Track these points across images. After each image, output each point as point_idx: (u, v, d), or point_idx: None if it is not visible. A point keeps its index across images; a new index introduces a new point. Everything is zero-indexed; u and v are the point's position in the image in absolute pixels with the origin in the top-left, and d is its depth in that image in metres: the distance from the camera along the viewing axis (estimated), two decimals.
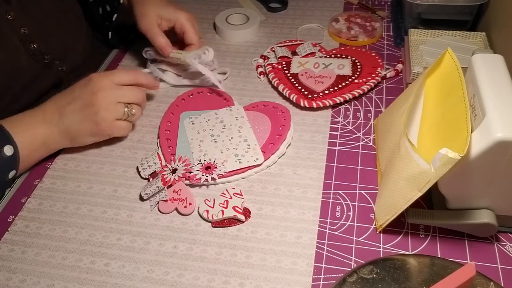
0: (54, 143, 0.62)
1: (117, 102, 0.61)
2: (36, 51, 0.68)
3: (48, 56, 0.71)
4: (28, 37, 0.67)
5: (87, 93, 0.60)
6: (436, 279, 0.45)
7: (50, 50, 0.71)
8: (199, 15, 0.94)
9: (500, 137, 0.43)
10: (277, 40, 0.85)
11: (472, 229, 0.53)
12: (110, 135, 0.63)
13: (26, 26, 0.66)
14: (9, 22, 0.65)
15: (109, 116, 0.60)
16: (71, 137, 0.62)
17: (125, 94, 0.62)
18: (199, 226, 0.57)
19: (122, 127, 0.64)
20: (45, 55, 0.70)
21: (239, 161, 0.62)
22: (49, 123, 0.60)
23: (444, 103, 0.53)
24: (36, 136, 0.59)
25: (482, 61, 0.51)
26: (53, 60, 0.72)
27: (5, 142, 0.57)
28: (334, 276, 0.51)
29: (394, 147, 0.55)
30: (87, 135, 0.62)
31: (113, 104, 0.60)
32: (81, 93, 0.60)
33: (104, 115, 0.60)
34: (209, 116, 0.69)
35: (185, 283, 0.51)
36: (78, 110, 0.60)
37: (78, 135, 0.61)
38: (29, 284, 0.52)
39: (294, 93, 0.72)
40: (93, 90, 0.60)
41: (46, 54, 0.70)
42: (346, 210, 0.57)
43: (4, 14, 0.64)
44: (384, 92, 0.74)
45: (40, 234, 0.57)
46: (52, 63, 0.72)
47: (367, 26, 0.85)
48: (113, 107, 0.61)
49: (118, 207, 0.59)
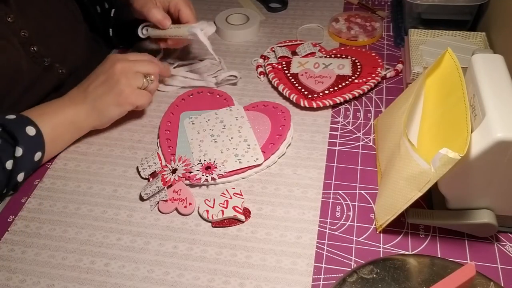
0: (83, 121, 0.64)
1: (136, 72, 0.64)
2: (36, 54, 0.68)
3: (48, 59, 0.70)
4: (28, 39, 0.67)
5: (106, 68, 0.64)
6: (436, 279, 0.45)
7: (50, 53, 0.71)
8: (199, 15, 0.94)
9: (500, 137, 0.43)
10: (277, 40, 0.85)
11: (472, 229, 0.53)
12: (133, 103, 0.65)
13: (26, 29, 0.66)
14: (8, 24, 0.64)
15: (130, 84, 0.64)
16: (98, 111, 0.64)
17: (142, 65, 0.65)
18: (199, 226, 0.57)
19: (144, 95, 0.66)
20: (45, 57, 0.70)
21: (239, 161, 0.62)
22: (75, 104, 0.63)
23: (444, 103, 0.53)
24: (64, 117, 0.62)
25: (482, 61, 0.51)
26: (53, 63, 0.72)
27: (26, 123, 0.59)
28: (334, 276, 0.51)
29: (394, 147, 0.55)
30: (112, 106, 0.64)
31: (132, 73, 0.64)
32: (101, 71, 0.65)
33: (125, 83, 0.63)
34: (209, 116, 0.69)
35: (185, 283, 0.51)
36: (100, 84, 0.63)
37: (103, 107, 0.64)
38: (29, 284, 0.52)
39: (294, 93, 0.72)
40: (111, 64, 0.64)
41: (46, 56, 0.70)
42: (346, 210, 0.57)
43: (4, 17, 0.64)
44: (384, 92, 0.74)
45: (40, 234, 0.57)
46: (52, 65, 0.72)
47: (367, 26, 0.85)
48: (133, 75, 0.64)
49: (118, 207, 0.59)
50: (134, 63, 0.65)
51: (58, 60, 0.73)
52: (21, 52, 0.66)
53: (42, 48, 0.69)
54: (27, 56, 0.67)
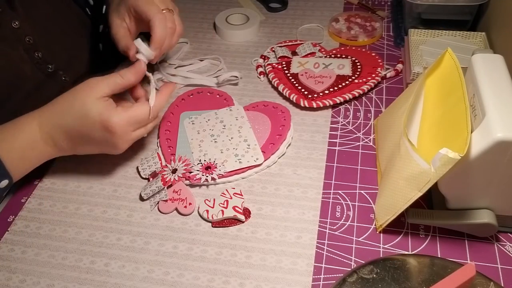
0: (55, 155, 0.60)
1: (136, 137, 0.59)
2: (41, 60, 0.67)
3: (52, 66, 0.69)
4: (33, 45, 0.66)
5: (99, 129, 0.56)
6: (436, 279, 0.44)
7: (54, 59, 0.70)
8: (199, 15, 0.94)
9: (500, 137, 0.43)
10: (277, 40, 0.85)
11: (472, 229, 0.53)
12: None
13: (31, 35, 0.65)
14: (14, 30, 0.64)
15: (128, 145, 0.59)
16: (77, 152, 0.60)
17: (143, 128, 0.59)
18: (199, 226, 0.57)
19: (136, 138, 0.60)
20: (49, 64, 0.69)
21: (239, 161, 0.62)
22: (58, 150, 0.58)
23: (444, 103, 0.53)
24: (38, 153, 0.58)
25: (482, 61, 0.51)
26: (57, 70, 0.71)
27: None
28: (334, 276, 0.51)
29: (394, 147, 0.55)
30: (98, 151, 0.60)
31: (132, 140, 0.59)
32: (93, 131, 0.56)
33: (123, 146, 0.58)
34: (209, 116, 0.69)
35: (185, 283, 0.51)
36: (94, 144, 0.58)
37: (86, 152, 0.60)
38: (29, 284, 0.52)
39: (294, 93, 0.72)
40: (106, 126, 0.55)
41: (50, 63, 0.69)
42: (346, 210, 0.57)
43: (9, 22, 0.63)
44: (384, 92, 0.74)
45: (40, 234, 0.57)
46: (56, 72, 0.71)
47: (367, 26, 0.85)
48: (132, 140, 0.59)
49: (118, 207, 0.59)
50: (134, 124, 0.57)
51: (62, 67, 0.72)
52: (25, 58, 0.65)
53: (47, 54, 0.68)
54: (31, 62, 0.66)
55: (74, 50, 0.75)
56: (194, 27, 0.91)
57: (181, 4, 0.98)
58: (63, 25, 0.73)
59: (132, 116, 0.56)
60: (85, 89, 0.56)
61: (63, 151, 0.59)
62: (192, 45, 0.86)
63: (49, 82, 0.70)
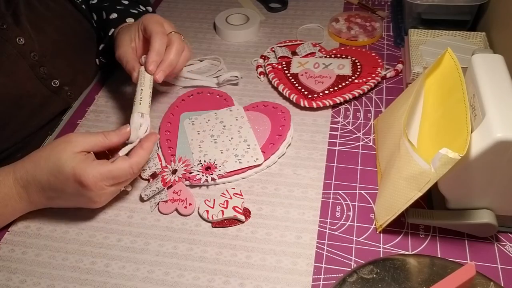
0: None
1: (114, 192, 0.57)
2: (46, 76, 0.67)
3: (57, 81, 0.69)
4: (38, 61, 0.66)
5: (74, 185, 0.53)
6: (436, 279, 0.44)
7: (59, 74, 0.69)
8: (199, 15, 0.94)
9: (500, 137, 0.43)
10: (277, 40, 0.85)
11: (472, 229, 0.53)
12: None
13: (36, 51, 0.65)
14: (19, 47, 0.64)
15: (107, 200, 0.57)
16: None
17: (120, 184, 0.56)
18: (199, 227, 0.57)
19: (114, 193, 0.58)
20: (54, 79, 0.69)
21: (239, 161, 0.62)
22: (30, 203, 0.56)
23: (444, 103, 0.53)
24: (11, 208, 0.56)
25: (482, 61, 0.51)
26: (62, 86, 0.70)
27: None
28: (334, 276, 0.51)
29: (394, 147, 0.55)
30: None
31: (110, 195, 0.57)
32: (69, 187, 0.53)
33: (102, 201, 0.56)
34: (209, 116, 0.69)
35: (185, 283, 0.51)
36: (69, 197, 0.55)
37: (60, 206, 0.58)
38: (29, 284, 0.52)
39: (294, 93, 0.72)
40: (83, 184, 0.52)
41: (56, 78, 0.69)
42: (346, 210, 0.57)
43: (14, 39, 0.63)
44: (384, 92, 0.74)
45: (40, 234, 0.57)
46: (61, 88, 0.70)
47: (367, 26, 0.85)
48: (110, 195, 0.57)
49: (119, 208, 0.59)
50: (110, 179, 0.53)
51: (67, 83, 0.71)
52: (30, 74, 0.65)
53: (52, 70, 0.68)
54: (36, 78, 0.66)
55: (80, 65, 0.75)
56: (194, 27, 0.91)
57: (181, 4, 0.98)
58: (71, 40, 0.72)
59: (109, 171, 0.53)
60: (62, 144, 0.53)
61: (40, 205, 0.57)
62: (192, 45, 0.86)
63: (54, 98, 0.70)
